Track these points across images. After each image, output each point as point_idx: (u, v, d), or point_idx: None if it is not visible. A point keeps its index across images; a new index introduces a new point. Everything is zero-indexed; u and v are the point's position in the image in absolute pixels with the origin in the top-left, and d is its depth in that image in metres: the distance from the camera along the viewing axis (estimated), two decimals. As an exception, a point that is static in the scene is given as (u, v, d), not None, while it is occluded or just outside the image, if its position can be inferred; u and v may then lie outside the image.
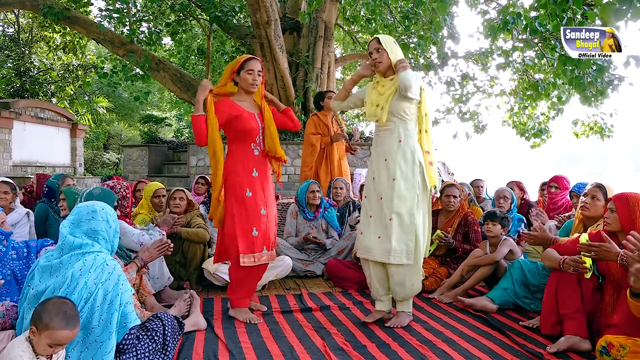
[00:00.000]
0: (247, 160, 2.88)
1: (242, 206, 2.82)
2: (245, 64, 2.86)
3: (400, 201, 2.66)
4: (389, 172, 2.71)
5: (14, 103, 10.47)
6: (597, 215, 2.82)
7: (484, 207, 4.73)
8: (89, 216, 2.02)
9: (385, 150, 2.75)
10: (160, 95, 18.16)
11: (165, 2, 9.80)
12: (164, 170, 10.20)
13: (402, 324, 2.76)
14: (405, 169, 2.68)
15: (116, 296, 1.90)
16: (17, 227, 3.29)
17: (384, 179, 2.72)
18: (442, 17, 6.61)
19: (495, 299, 3.05)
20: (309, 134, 4.95)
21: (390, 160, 2.71)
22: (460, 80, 10.50)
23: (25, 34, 13.67)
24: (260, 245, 2.84)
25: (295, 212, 4.30)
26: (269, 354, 2.38)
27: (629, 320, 2.10)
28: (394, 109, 2.72)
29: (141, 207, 3.95)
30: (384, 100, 2.73)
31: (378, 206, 2.74)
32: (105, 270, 1.91)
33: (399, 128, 2.73)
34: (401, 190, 2.66)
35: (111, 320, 1.87)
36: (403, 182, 2.67)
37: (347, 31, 12.33)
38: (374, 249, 2.72)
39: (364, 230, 2.81)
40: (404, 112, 2.72)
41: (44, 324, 1.65)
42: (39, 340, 1.66)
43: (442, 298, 3.32)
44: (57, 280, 1.85)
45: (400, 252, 2.65)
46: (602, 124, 9.41)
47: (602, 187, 2.84)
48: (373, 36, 2.84)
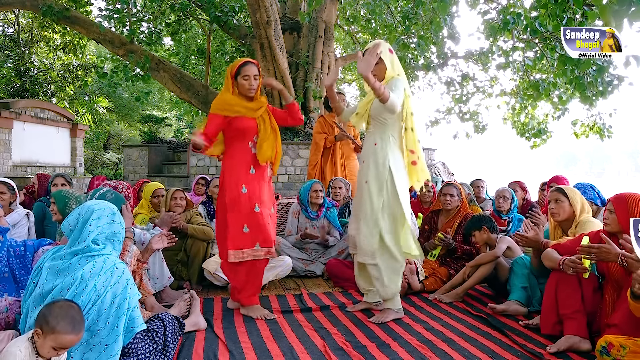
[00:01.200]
0: (244, 158, 2.92)
1: (236, 203, 2.87)
2: (240, 70, 2.89)
3: (368, 203, 2.78)
4: (364, 175, 2.86)
5: (14, 103, 10.47)
6: (567, 216, 2.88)
7: (484, 207, 4.73)
8: (110, 219, 2.03)
9: (363, 153, 2.92)
10: (160, 95, 18.15)
11: (165, 2, 9.80)
12: (164, 170, 10.19)
13: (384, 320, 2.84)
14: (375, 172, 2.79)
15: (124, 300, 1.90)
16: (17, 227, 3.28)
17: (361, 181, 2.87)
18: (442, 17, 6.61)
19: (522, 300, 3.02)
20: (315, 134, 5.14)
21: (365, 163, 2.86)
22: (460, 80, 10.50)
23: (25, 34, 13.67)
24: (251, 241, 2.87)
25: (297, 211, 4.30)
26: (269, 354, 2.38)
27: (629, 320, 2.11)
28: (374, 113, 2.83)
29: (141, 207, 3.95)
30: (363, 107, 2.87)
31: (357, 206, 2.90)
32: (115, 273, 1.92)
33: (376, 132, 2.85)
34: (370, 192, 2.78)
35: (118, 323, 1.87)
36: (372, 185, 2.78)
37: (347, 31, 12.33)
38: (354, 246, 2.90)
39: (351, 226, 2.99)
40: (382, 116, 2.80)
41: (51, 327, 1.64)
42: (44, 343, 1.66)
43: (442, 297, 3.32)
44: (66, 281, 1.84)
45: (365, 251, 2.78)
46: (601, 124, 9.42)
47: (560, 188, 2.93)
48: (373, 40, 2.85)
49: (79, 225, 1.98)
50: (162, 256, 3.21)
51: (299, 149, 8.20)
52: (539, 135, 10.16)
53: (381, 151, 2.79)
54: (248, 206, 2.87)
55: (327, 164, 5.07)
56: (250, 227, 2.87)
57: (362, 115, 2.89)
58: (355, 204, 2.97)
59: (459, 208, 3.79)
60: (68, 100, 14.61)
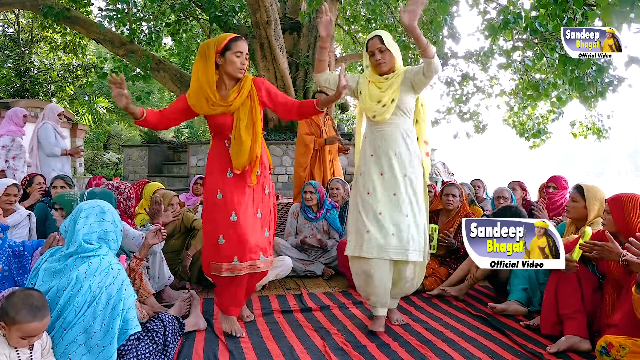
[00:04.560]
0: (222, 158, 2.57)
1: (211, 210, 2.55)
2: (231, 45, 2.44)
3: (414, 197, 2.65)
4: (401, 168, 2.64)
5: (14, 103, 10.46)
6: (579, 216, 2.90)
7: (484, 207, 4.73)
8: (99, 217, 2.02)
9: (391, 146, 2.66)
10: (160, 95, 18.16)
11: (165, 2, 9.81)
12: (164, 170, 10.20)
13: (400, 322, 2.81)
14: (415, 165, 2.69)
15: (119, 301, 1.90)
16: (18, 228, 3.29)
17: (397, 175, 2.63)
18: (443, 17, 6.61)
19: (522, 301, 3.02)
20: (303, 134, 4.93)
21: (400, 156, 2.65)
22: (460, 80, 10.50)
23: (25, 34, 13.66)
24: (227, 255, 2.49)
25: (296, 212, 4.30)
26: (269, 354, 2.38)
27: (629, 320, 2.11)
28: (401, 104, 2.66)
29: (141, 208, 3.94)
30: (388, 97, 2.64)
31: (391, 203, 2.63)
32: (110, 274, 1.91)
33: (405, 124, 2.70)
34: (414, 186, 2.66)
35: (113, 325, 1.86)
36: (414, 179, 2.67)
37: (347, 31, 12.33)
38: (390, 248, 2.57)
39: (372, 228, 2.60)
40: (407, 108, 2.70)
41: (11, 318, 1.65)
42: (11, 334, 1.66)
43: (448, 290, 3.30)
44: (62, 282, 1.85)
45: (414, 249, 2.60)
46: (599, 125, 9.43)
47: (580, 187, 2.91)
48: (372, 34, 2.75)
49: (71, 225, 1.98)
50: (162, 256, 3.21)
51: (299, 149, 8.19)
52: (538, 135, 10.17)
53: (414, 144, 2.71)
54: (223, 215, 2.50)
55: (315, 165, 4.96)
56: (226, 238, 2.49)
57: (388, 106, 2.62)
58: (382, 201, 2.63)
59: (459, 208, 3.79)
60: (68, 100, 14.60)
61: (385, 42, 2.65)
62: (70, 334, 1.81)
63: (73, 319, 1.82)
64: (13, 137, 5.47)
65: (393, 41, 2.73)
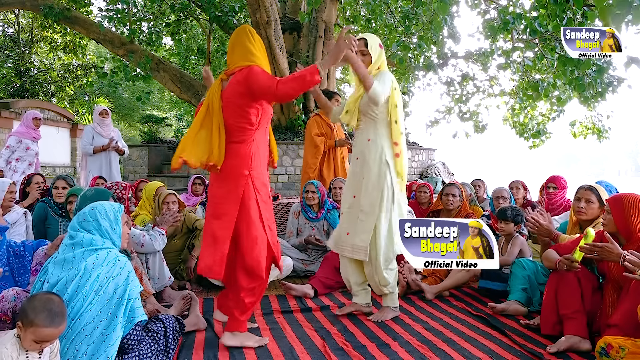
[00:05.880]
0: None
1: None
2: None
3: (365, 200, 2.76)
4: (360, 171, 2.81)
5: (14, 103, 10.47)
6: (593, 218, 2.87)
7: (484, 207, 4.73)
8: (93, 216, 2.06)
9: (357, 150, 2.87)
10: (160, 95, 18.17)
11: (165, 2, 9.81)
12: (164, 170, 10.19)
13: (384, 318, 2.85)
14: (373, 167, 2.77)
15: (125, 291, 1.95)
16: (15, 226, 3.31)
17: (357, 178, 2.83)
18: (442, 17, 6.61)
19: (522, 301, 3.01)
20: (313, 135, 4.88)
21: (361, 159, 2.82)
22: (460, 80, 10.51)
23: (25, 34, 13.67)
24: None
25: (297, 212, 4.30)
26: (269, 354, 2.38)
27: (629, 321, 2.11)
28: (364, 109, 2.80)
29: (141, 208, 3.94)
30: (352, 104, 2.84)
31: (350, 204, 2.85)
32: (117, 265, 1.98)
33: (369, 128, 2.81)
34: (367, 189, 2.77)
35: (117, 313, 1.90)
36: (370, 181, 2.76)
37: (347, 31, 12.32)
38: (345, 245, 2.83)
39: (340, 225, 2.92)
40: (373, 111, 2.77)
41: (29, 320, 1.65)
42: (25, 336, 1.66)
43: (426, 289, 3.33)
44: (70, 273, 1.89)
45: (359, 248, 2.76)
46: (599, 126, 9.44)
47: (594, 189, 2.89)
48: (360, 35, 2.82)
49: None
50: (162, 256, 3.21)
51: (299, 149, 8.19)
52: (537, 135, 10.17)
53: (376, 146, 2.77)
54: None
55: (324, 166, 4.95)
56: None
57: (353, 112, 2.84)
58: (346, 201, 2.90)
59: (459, 208, 3.79)
60: (68, 100, 14.61)
61: (368, 45, 2.76)
62: (78, 323, 1.84)
63: (81, 307, 1.85)
64: (20, 139, 5.50)
65: (378, 47, 2.80)
